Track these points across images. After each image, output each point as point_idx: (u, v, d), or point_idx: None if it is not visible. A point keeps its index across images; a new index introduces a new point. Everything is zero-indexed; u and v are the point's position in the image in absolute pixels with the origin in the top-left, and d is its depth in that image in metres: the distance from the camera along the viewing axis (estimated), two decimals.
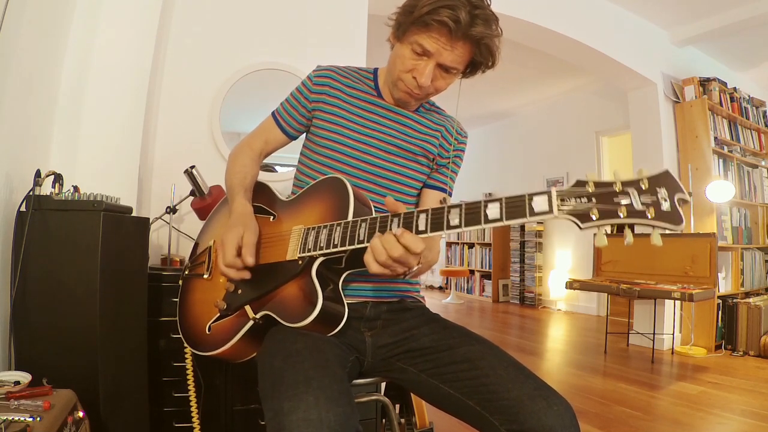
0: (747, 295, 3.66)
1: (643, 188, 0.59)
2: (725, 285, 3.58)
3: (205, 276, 1.03)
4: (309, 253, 0.82)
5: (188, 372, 1.20)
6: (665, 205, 0.58)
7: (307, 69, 1.09)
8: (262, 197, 1.03)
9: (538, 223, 5.63)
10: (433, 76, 0.91)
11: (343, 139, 0.98)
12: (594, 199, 0.61)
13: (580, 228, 0.61)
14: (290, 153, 1.23)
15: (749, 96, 4.16)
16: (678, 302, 3.38)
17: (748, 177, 3.98)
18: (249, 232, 0.88)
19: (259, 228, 0.94)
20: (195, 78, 2.02)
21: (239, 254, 0.86)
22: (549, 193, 0.62)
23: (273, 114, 1.08)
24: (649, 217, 0.58)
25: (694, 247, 3.20)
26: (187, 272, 1.10)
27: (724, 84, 3.87)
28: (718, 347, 3.38)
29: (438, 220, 0.70)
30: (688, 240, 3.27)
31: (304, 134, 1.08)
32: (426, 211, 0.72)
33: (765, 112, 4.30)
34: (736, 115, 3.89)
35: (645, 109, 3.74)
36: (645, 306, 3.41)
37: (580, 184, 0.62)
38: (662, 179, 0.59)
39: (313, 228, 0.84)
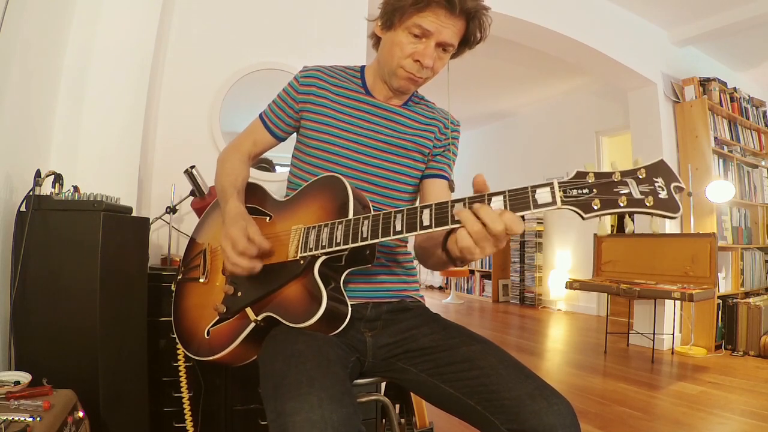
0: (747, 295, 3.66)
1: (641, 177, 0.61)
2: (725, 285, 3.58)
3: (202, 280, 1.02)
4: (311, 252, 0.81)
5: (181, 373, 1.19)
6: (663, 194, 0.60)
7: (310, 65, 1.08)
8: (256, 198, 1.02)
9: (538, 222, 5.64)
10: (435, 56, 0.91)
11: (333, 139, 0.97)
12: (595, 190, 0.62)
13: (582, 218, 0.63)
14: (289, 153, 1.23)
15: (749, 96, 4.16)
16: (678, 302, 3.37)
17: (748, 177, 3.98)
18: (251, 224, 0.87)
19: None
20: (195, 78, 2.02)
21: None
22: (551, 185, 0.64)
23: (261, 116, 1.07)
24: (648, 205, 0.60)
25: (694, 247, 3.20)
26: (180, 276, 1.08)
27: (724, 84, 3.87)
28: (718, 347, 3.38)
29: (442, 215, 0.69)
30: (688, 240, 3.27)
31: (295, 135, 1.07)
32: (429, 206, 0.71)
33: (765, 112, 4.30)
34: (736, 115, 3.89)
35: (645, 109, 3.74)
36: (645, 306, 3.41)
37: (581, 175, 0.63)
38: (658, 168, 0.61)
39: (314, 227, 0.84)
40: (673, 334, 3.43)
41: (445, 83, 1.03)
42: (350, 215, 0.81)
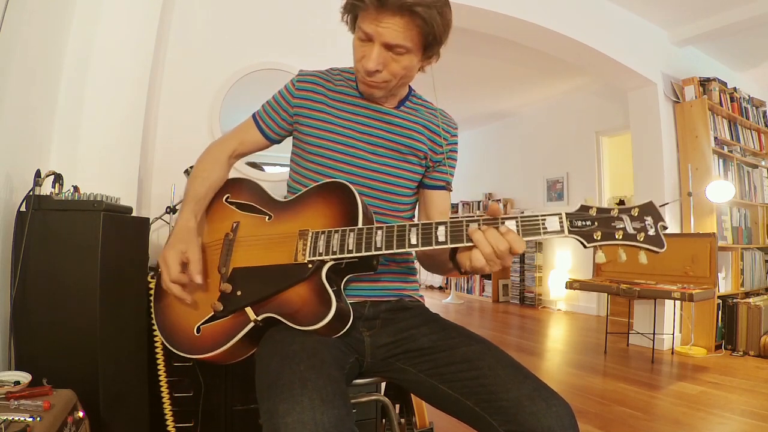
0: (747, 295, 3.66)
1: (634, 215, 0.72)
2: (725, 285, 3.58)
3: None
4: (320, 257, 0.82)
5: (159, 365, 1.14)
6: (651, 231, 0.71)
7: (307, 69, 1.08)
8: (254, 196, 1.00)
9: None
10: (384, 59, 0.86)
11: (330, 144, 0.96)
12: (596, 223, 0.72)
13: (584, 246, 0.73)
14: (277, 153, 1.22)
15: (749, 96, 4.16)
16: (678, 302, 3.37)
17: (748, 177, 3.98)
18: (192, 249, 0.89)
19: (253, 229, 0.94)
20: (195, 78, 2.02)
21: (183, 271, 0.87)
22: (560, 215, 0.73)
23: (254, 116, 1.06)
24: (639, 240, 0.71)
25: (694, 247, 3.20)
26: None
27: (724, 84, 3.87)
28: (718, 347, 3.38)
29: (457, 234, 0.75)
30: (688, 240, 3.27)
31: (291, 139, 1.06)
32: (444, 223, 0.76)
33: (765, 112, 4.30)
34: (736, 115, 3.89)
35: (645, 109, 3.74)
36: (645, 306, 3.41)
37: (584, 208, 0.73)
38: (649, 209, 0.72)
39: (323, 232, 0.84)
40: (673, 334, 3.43)
41: (441, 84, 1.02)
42: (360, 224, 0.83)
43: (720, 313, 3.41)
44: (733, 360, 3.16)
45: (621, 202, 5.61)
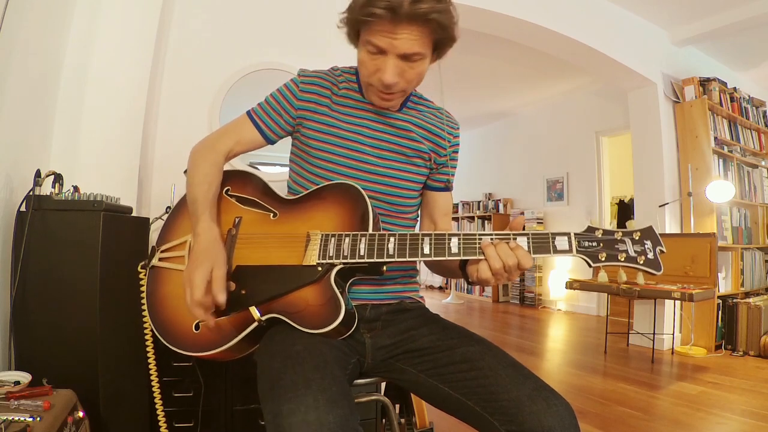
0: (747, 295, 3.66)
1: (636, 239, 0.77)
2: (725, 285, 3.58)
3: None
4: (330, 261, 0.82)
5: (150, 360, 1.11)
6: (650, 255, 0.76)
7: (307, 68, 1.07)
8: (257, 192, 0.98)
9: (538, 222, 5.64)
10: (400, 69, 0.85)
11: (336, 149, 0.95)
12: (601, 244, 0.77)
13: (590, 266, 0.77)
14: (276, 153, 1.21)
15: (749, 96, 4.16)
16: (678, 302, 3.38)
17: (748, 177, 3.98)
18: (218, 267, 0.82)
19: (257, 226, 0.92)
20: (195, 78, 2.02)
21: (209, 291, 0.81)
22: (569, 235, 0.77)
23: (249, 114, 1.01)
24: (640, 262, 0.76)
25: (694, 247, 3.20)
26: (158, 261, 0.98)
27: (724, 84, 3.87)
28: (718, 347, 3.38)
29: (470, 247, 0.78)
30: (688, 240, 3.27)
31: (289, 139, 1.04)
32: (458, 235, 0.79)
33: (765, 112, 4.30)
34: (736, 115, 3.89)
35: (645, 109, 3.74)
36: (645, 306, 3.41)
37: (591, 230, 0.78)
38: (649, 233, 0.77)
39: (333, 235, 0.83)
40: (673, 334, 3.43)
41: (439, 85, 1.02)
42: (371, 229, 0.83)
43: (720, 313, 3.41)
44: (733, 360, 3.16)
45: (621, 203, 5.60)
